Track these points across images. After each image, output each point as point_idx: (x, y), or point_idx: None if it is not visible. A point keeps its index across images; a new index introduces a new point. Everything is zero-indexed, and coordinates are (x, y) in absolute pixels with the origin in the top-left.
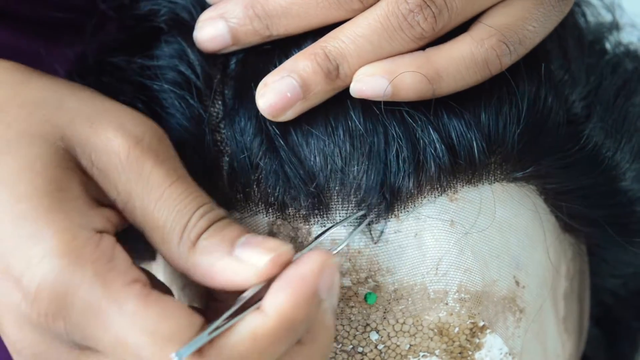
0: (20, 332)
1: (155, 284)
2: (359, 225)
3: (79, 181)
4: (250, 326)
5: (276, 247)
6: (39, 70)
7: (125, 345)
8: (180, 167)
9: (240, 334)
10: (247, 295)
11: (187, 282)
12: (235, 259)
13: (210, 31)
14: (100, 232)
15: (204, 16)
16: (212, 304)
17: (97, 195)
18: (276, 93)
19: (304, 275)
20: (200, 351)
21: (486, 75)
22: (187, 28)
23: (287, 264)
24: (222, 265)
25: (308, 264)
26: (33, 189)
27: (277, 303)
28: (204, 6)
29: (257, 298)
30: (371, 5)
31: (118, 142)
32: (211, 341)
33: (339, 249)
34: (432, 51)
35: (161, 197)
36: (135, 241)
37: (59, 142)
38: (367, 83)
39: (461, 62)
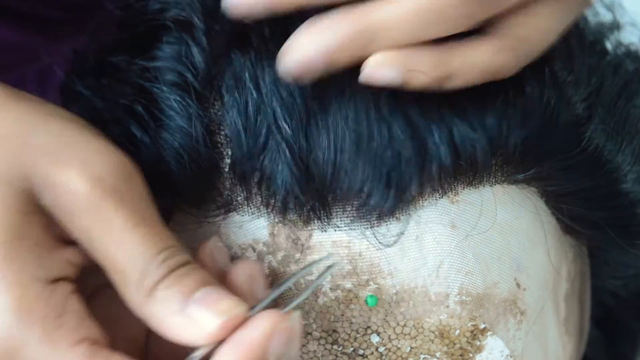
0: None
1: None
2: (322, 274)
3: (39, 224)
4: None
5: (229, 310)
6: (11, 92)
7: None
8: (145, 207)
9: None
10: (197, 355)
11: None
12: (187, 316)
13: None
14: (57, 280)
15: None
16: None
17: (61, 234)
18: (304, 52)
19: (252, 340)
20: None
21: (489, 80)
22: (192, 28)
23: (239, 326)
24: (173, 322)
25: (257, 329)
26: None
27: None
28: (207, 7)
29: (207, 357)
30: None
31: (79, 182)
32: None
33: (292, 305)
34: (450, 50)
35: (121, 242)
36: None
37: (22, 183)
38: (378, 72)
39: (475, 67)
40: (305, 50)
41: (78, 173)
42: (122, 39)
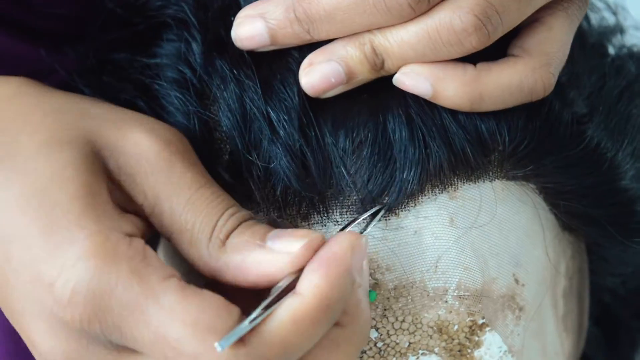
0: (53, 340)
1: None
2: (375, 215)
3: (106, 186)
4: (289, 310)
5: (308, 234)
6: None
7: (165, 339)
8: (205, 172)
9: (280, 319)
10: (282, 284)
11: (189, 278)
12: (269, 250)
13: (249, 29)
14: (131, 235)
15: (243, 13)
16: None
17: (122, 201)
18: (321, 76)
19: (336, 255)
20: (242, 340)
21: (526, 101)
22: (190, 26)
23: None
24: (255, 258)
25: (338, 244)
26: (65, 195)
27: (313, 283)
28: (206, 6)
29: (291, 287)
30: (423, 13)
31: (147, 144)
32: (252, 330)
33: (365, 232)
34: (482, 71)
35: (190, 200)
36: None
37: (87, 147)
38: (412, 79)
39: (507, 88)
40: (322, 75)
41: (146, 136)
42: (123, 36)
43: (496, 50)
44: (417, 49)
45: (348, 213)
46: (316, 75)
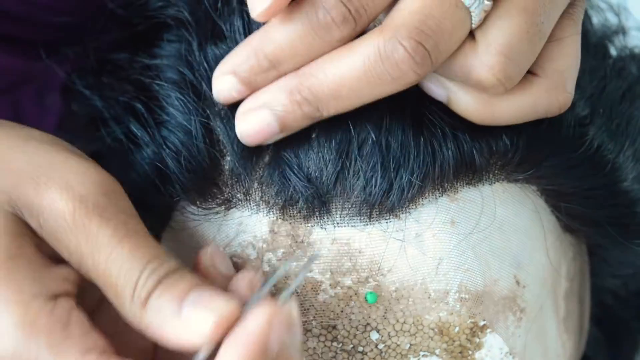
0: None
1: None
2: (306, 265)
3: (31, 244)
4: None
5: (222, 306)
6: None
7: None
8: (130, 220)
9: None
10: (200, 357)
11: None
12: (183, 320)
13: (256, 123)
14: (57, 296)
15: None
16: None
17: (53, 254)
18: (253, 125)
19: (251, 333)
20: None
21: (541, 117)
22: (191, 27)
23: (235, 322)
24: (170, 327)
25: (255, 321)
26: None
27: None
28: (206, 6)
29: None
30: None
31: (63, 203)
32: None
33: (285, 295)
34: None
35: (110, 256)
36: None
37: (6, 207)
38: (431, 82)
39: (520, 110)
40: (255, 124)
41: (61, 195)
42: (123, 37)
43: None
44: (352, 86)
45: (349, 215)
46: (248, 124)
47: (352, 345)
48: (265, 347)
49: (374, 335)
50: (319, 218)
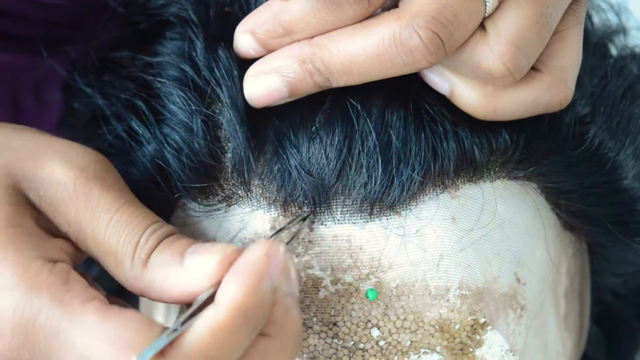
0: None
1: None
2: (304, 218)
3: (30, 215)
4: (207, 321)
5: (223, 249)
6: None
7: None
8: (126, 191)
9: (198, 330)
10: (202, 297)
11: None
12: (186, 268)
13: (265, 87)
14: (55, 261)
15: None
16: None
17: (50, 227)
18: (262, 88)
19: (250, 263)
20: (162, 353)
21: (542, 113)
22: (193, 24)
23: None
24: (174, 277)
25: (253, 252)
26: None
27: (228, 293)
28: (208, 4)
29: (212, 299)
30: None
31: (63, 172)
32: (172, 342)
33: (275, 233)
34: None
35: (110, 222)
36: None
37: (6, 181)
38: (434, 74)
39: (522, 105)
40: (264, 88)
41: (61, 165)
42: (125, 35)
43: None
44: (364, 64)
45: (350, 212)
46: (257, 87)
47: (352, 342)
48: (264, 276)
49: (375, 332)
50: (319, 215)
